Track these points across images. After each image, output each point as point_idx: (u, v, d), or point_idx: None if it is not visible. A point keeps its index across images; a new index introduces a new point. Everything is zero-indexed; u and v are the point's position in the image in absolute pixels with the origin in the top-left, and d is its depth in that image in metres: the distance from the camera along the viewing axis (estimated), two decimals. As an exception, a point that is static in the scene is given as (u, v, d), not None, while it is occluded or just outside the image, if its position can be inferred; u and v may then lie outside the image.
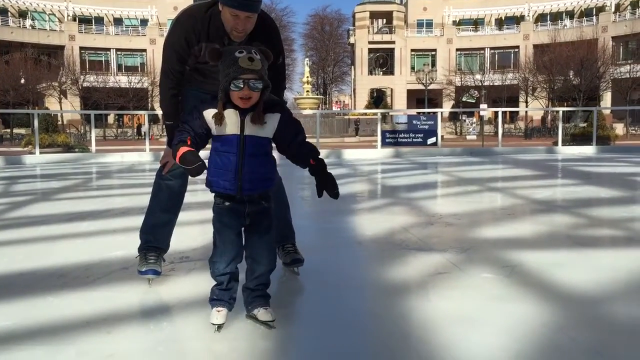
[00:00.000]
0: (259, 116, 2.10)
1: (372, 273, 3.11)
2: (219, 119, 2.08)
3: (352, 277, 3.05)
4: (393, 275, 2.99)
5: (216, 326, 2.15)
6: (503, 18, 55.77)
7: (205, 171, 2.09)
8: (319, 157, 2.22)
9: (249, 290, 2.24)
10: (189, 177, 2.30)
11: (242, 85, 2.04)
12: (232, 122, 2.11)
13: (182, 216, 3.12)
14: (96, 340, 2.13)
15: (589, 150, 14.42)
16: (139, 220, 4.62)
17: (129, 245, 3.72)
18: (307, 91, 36.97)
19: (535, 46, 50.59)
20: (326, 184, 2.21)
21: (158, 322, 2.32)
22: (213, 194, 2.21)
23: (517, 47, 53.07)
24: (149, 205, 2.99)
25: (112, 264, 3.23)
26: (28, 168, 10.90)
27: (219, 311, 2.17)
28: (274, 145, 2.23)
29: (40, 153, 13.26)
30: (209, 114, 2.12)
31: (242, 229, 2.20)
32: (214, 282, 2.21)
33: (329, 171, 2.21)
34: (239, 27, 2.48)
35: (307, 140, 2.24)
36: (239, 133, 2.10)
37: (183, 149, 2.05)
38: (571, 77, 40.79)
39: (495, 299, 2.55)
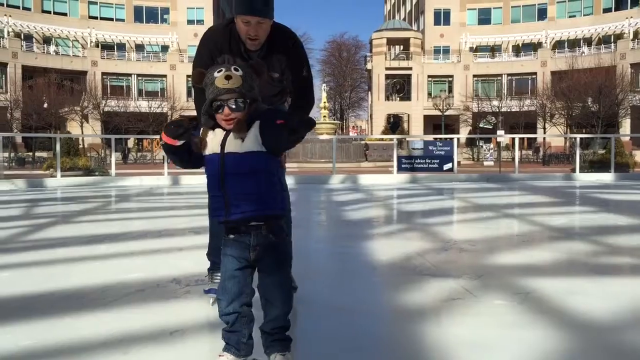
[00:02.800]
0: (239, 127, 1.90)
1: (386, 298, 3.12)
2: (197, 146, 1.97)
3: (367, 302, 3.06)
4: (407, 301, 3.00)
5: None
6: (520, 45, 55.89)
7: (186, 141, 1.96)
8: (293, 120, 1.91)
9: (265, 333, 2.03)
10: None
11: (221, 107, 1.91)
12: (215, 141, 1.95)
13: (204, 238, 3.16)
14: (113, 359, 2.17)
15: (607, 177, 14.29)
16: (156, 243, 4.74)
17: (145, 267, 3.81)
18: (324, 116, 37.20)
19: (552, 73, 50.53)
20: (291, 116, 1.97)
21: (173, 344, 2.35)
22: None
23: (535, 73, 53.04)
24: (209, 227, 3.05)
25: (129, 286, 3.28)
26: (49, 191, 11.09)
27: (220, 356, 1.99)
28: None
29: (62, 176, 13.47)
30: (197, 140, 2.00)
31: (249, 265, 2.00)
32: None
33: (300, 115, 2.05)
34: (251, 33, 2.56)
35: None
36: (219, 151, 1.94)
37: (169, 124, 1.99)
38: (589, 103, 40.60)
39: (508, 325, 2.54)
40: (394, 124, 53.40)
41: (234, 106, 1.91)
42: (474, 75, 54.87)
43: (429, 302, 2.93)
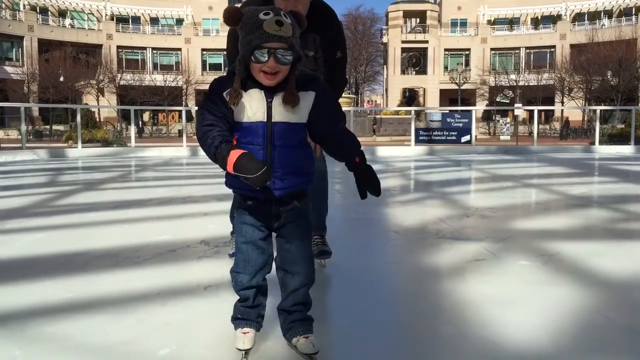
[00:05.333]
0: (293, 95, 1.66)
1: (413, 259, 3.19)
2: (234, 96, 1.64)
3: (395, 261, 3.15)
4: (431, 260, 3.08)
5: (243, 352, 1.77)
6: (539, 17, 54.90)
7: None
8: (361, 150, 1.78)
9: (284, 312, 1.83)
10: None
11: (266, 57, 1.61)
12: (256, 106, 1.67)
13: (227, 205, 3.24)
14: (152, 310, 2.28)
15: (627, 149, 14.18)
16: (181, 209, 4.85)
17: (174, 230, 3.92)
18: (340, 90, 36.98)
19: (572, 46, 49.67)
20: (369, 183, 1.76)
21: (208, 297, 2.45)
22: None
23: (554, 46, 52.17)
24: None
25: (160, 247, 3.38)
26: (71, 160, 11.27)
27: (245, 333, 1.79)
28: None
29: (82, 147, 13.65)
30: (228, 93, 1.68)
31: (271, 233, 1.81)
32: (237, 297, 1.84)
33: (369, 165, 1.77)
34: (289, 9, 2.48)
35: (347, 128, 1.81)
36: (265, 120, 1.67)
37: (235, 153, 1.57)
38: (609, 77, 39.96)
39: (532, 283, 2.62)
40: (410, 98, 52.97)
41: (285, 58, 1.63)
42: (492, 49, 54.09)
43: (455, 263, 3.01)
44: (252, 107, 1.66)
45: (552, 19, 54.29)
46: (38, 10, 48.92)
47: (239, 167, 1.55)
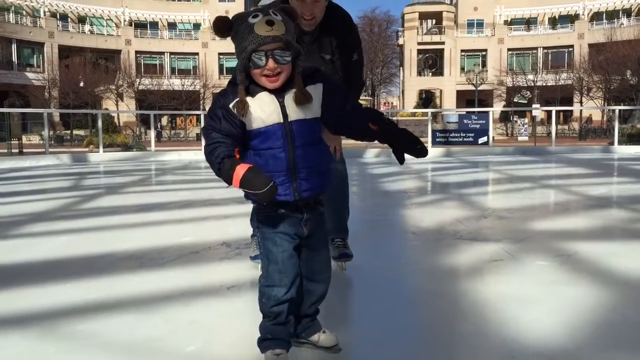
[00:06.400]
0: (303, 93, 1.63)
1: (430, 260, 3.22)
2: (241, 107, 1.61)
3: (412, 262, 3.20)
4: (449, 261, 3.11)
5: None
6: (557, 17, 54.41)
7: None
8: (382, 116, 1.69)
9: (301, 317, 1.82)
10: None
11: (264, 60, 1.58)
12: (269, 109, 1.63)
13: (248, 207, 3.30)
14: (177, 310, 2.35)
15: (647, 150, 14.02)
16: (203, 212, 4.93)
17: (195, 233, 4.00)
18: (356, 93, 37.02)
19: (590, 45, 49.14)
20: (405, 141, 1.64)
21: (231, 298, 2.51)
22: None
23: (572, 46, 51.67)
24: None
25: (183, 248, 3.46)
26: (93, 165, 11.45)
27: (277, 355, 1.68)
28: None
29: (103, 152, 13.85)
30: (233, 105, 1.65)
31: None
32: (265, 317, 1.72)
33: (392, 123, 1.69)
34: (305, 13, 2.42)
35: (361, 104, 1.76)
36: (281, 121, 1.63)
37: (240, 168, 1.52)
38: (628, 76, 39.48)
39: (549, 283, 2.64)
40: (426, 99, 52.81)
41: (283, 57, 1.59)
42: (509, 49, 53.72)
43: (473, 263, 3.04)
44: (265, 110, 1.62)
45: (569, 19, 53.77)
46: (58, 17, 49.61)
47: (245, 182, 1.50)
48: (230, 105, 1.62)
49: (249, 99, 1.62)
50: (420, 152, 1.64)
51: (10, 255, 3.41)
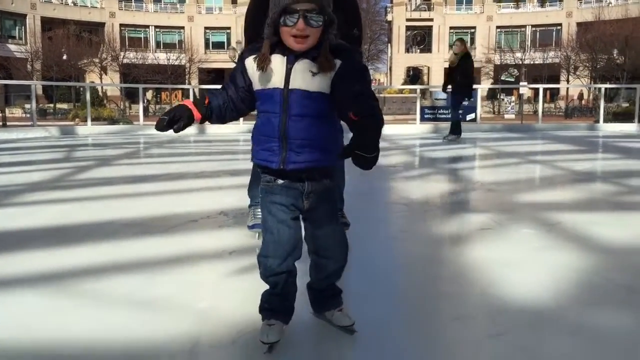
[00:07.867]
0: (327, 60, 1.57)
1: (422, 228, 3.35)
2: (262, 60, 1.59)
3: (402, 229, 3.32)
4: (439, 229, 3.25)
5: (267, 346, 1.64)
6: (545, -5, 54.41)
7: (171, 130, 1.58)
8: (372, 118, 1.49)
9: (316, 290, 1.82)
10: None
11: (296, 19, 1.54)
12: (274, 72, 1.60)
13: (241, 179, 3.39)
14: (184, 271, 2.46)
15: (631, 127, 14.23)
16: (197, 183, 5.02)
17: (193, 203, 4.08)
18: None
19: (578, 24, 49.25)
20: (360, 146, 1.44)
21: (234, 260, 2.62)
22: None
23: (560, 24, 51.76)
24: (253, 167, 3.18)
25: (181, 217, 3.53)
26: (81, 138, 11.42)
27: (270, 325, 1.66)
28: None
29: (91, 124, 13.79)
30: (250, 60, 1.63)
31: (299, 215, 1.71)
32: (265, 286, 1.72)
33: (372, 137, 1.46)
34: None
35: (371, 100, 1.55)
36: (282, 86, 1.59)
37: (184, 102, 1.63)
38: (615, 55, 39.77)
39: (536, 249, 2.79)
40: (414, 76, 52.81)
41: (315, 21, 1.55)
42: (497, 27, 53.69)
43: (461, 232, 3.19)
44: (271, 72, 1.60)
45: (558, -3, 53.77)
46: (41, -12, 48.62)
47: (169, 110, 1.59)
48: (252, 58, 1.62)
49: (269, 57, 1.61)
50: (359, 164, 1.48)
51: (10, 223, 3.46)
